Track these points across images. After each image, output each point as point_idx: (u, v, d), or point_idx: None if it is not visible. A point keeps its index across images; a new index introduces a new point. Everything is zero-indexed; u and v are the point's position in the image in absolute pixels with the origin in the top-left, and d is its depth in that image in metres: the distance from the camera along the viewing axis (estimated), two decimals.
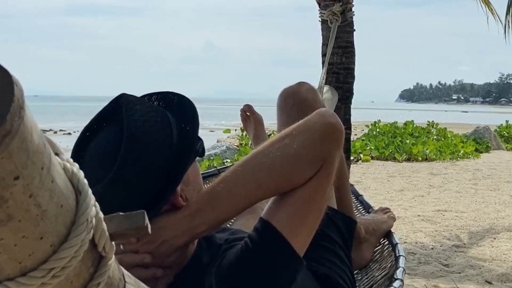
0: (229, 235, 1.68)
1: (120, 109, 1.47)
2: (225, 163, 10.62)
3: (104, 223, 0.84)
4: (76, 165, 0.82)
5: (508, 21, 9.40)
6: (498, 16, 7.81)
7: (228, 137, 17.73)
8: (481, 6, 7.42)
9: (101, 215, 0.84)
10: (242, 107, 3.45)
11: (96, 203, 0.83)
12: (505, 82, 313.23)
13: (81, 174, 0.82)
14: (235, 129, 16.45)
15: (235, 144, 14.27)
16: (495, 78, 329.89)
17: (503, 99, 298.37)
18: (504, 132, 19.31)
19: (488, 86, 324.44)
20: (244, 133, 14.97)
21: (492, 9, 7.56)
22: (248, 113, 3.36)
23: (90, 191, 0.81)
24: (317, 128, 1.52)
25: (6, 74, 0.64)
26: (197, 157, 1.60)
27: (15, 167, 0.64)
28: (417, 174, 11.40)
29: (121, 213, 0.90)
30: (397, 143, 14.47)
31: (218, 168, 3.61)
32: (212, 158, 11.94)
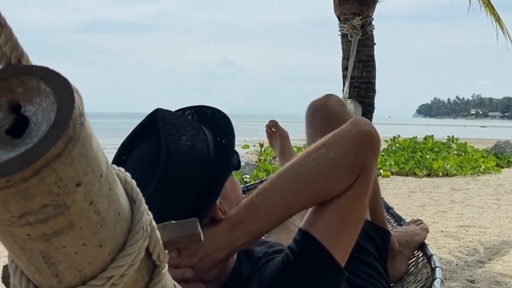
0: (267, 248, 1.68)
1: (157, 124, 1.48)
2: (244, 179, 10.61)
3: (158, 232, 0.84)
4: (128, 174, 0.83)
5: None
6: (507, 32, 7.78)
7: (246, 152, 17.73)
8: (492, 21, 7.39)
9: (155, 223, 0.84)
10: (267, 123, 3.45)
11: (149, 211, 0.83)
12: None
13: (134, 182, 0.82)
14: (254, 145, 16.45)
15: (254, 160, 14.25)
16: None
17: None
18: None
19: (507, 101, 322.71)
20: (263, 149, 14.96)
21: (502, 26, 7.53)
22: (273, 129, 3.36)
23: (143, 199, 0.82)
24: (352, 136, 1.51)
25: (66, 82, 0.65)
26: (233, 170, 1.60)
27: (77, 174, 0.64)
28: (438, 189, 11.30)
29: (173, 221, 0.90)
30: (417, 158, 14.38)
31: (247, 185, 3.60)
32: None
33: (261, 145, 15.21)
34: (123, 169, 0.82)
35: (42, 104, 0.65)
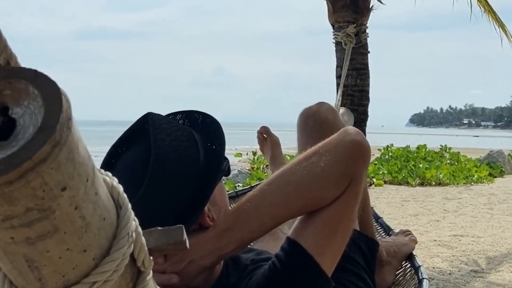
0: (255, 256, 1.67)
1: (147, 128, 1.47)
2: (237, 187, 10.58)
3: (143, 238, 0.84)
4: (115, 179, 0.83)
5: None
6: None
7: (239, 161, 17.68)
8: (495, 28, 7.38)
9: (140, 229, 0.84)
10: (258, 129, 3.44)
11: (135, 217, 0.83)
12: None
13: (121, 188, 0.82)
14: (246, 153, 16.44)
15: (247, 168, 14.20)
16: (507, 102, 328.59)
17: None
18: None
19: (499, 110, 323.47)
20: (256, 157, 14.92)
21: (506, 31, 7.53)
22: (265, 135, 3.36)
23: (129, 205, 0.82)
24: (343, 145, 1.50)
25: (54, 85, 0.65)
26: (223, 177, 1.60)
27: (63, 178, 0.64)
28: (431, 198, 11.31)
29: (159, 228, 0.90)
30: (410, 167, 14.39)
31: (236, 190, 3.59)
32: (223, 182, 11.89)
33: (254, 153, 15.19)
34: (110, 174, 0.82)
35: (30, 106, 0.64)
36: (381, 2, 5.46)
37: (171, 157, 1.44)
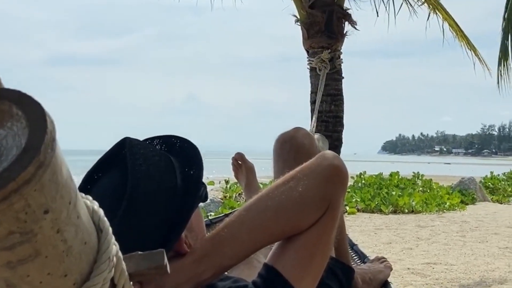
0: (231, 284, 1.65)
1: (124, 153, 1.46)
2: (209, 216, 10.51)
3: (123, 263, 0.83)
4: (96, 203, 0.82)
5: (500, 71, 9.54)
6: (485, 62, 7.86)
7: (212, 189, 17.59)
8: (467, 52, 7.48)
9: (121, 254, 0.83)
10: (233, 155, 3.43)
11: (116, 242, 0.82)
12: (487, 133, 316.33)
13: (101, 212, 0.81)
14: (219, 182, 16.37)
15: (219, 197, 14.13)
16: (477, 129, 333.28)
17: (485, 150, 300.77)
18: (489, 183, 19.42)
19: (470, 137, 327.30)
20: (228, 186, 14.84)
21: (478, 55, 7.64)
22: (239, 162, 3.34)
23: (110, 229, 0.81)
24: (321, 170, 1.50)
25: (38, 106, 0.64)
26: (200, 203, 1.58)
27: (46, 201, 0.63)
28: (404, 226, 11.38)
29: (139, 252, 0.89)
30: (383, 195, 14.47)
31: (211, 218, 3.57)
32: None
33: (227, 182, 15.11)
34: (90, 198, 0.82)
35: (13, 128, 0.64)
36: (355, 28, 5.53)
37: (148, 183, 1.43)
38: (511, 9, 9.22)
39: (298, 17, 5.61)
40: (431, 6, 6.39)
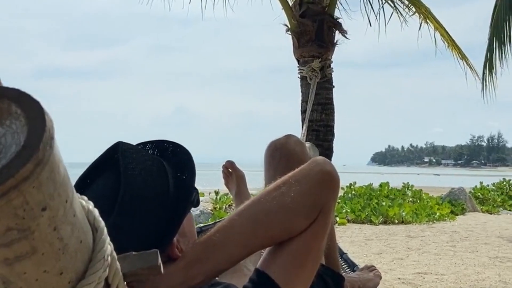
0: None
1: (117, 157, 1.47)
2: None
3: (118, 263, 0.84)
4: (91, 203, 0.83)
5: (485, 81, 9.61)
6: (476, 71, 7.91)
7: (201, 201, 17.52)
8: (459, 62, 7.51)
9: (115, 254, 0.83)
10: (223, 163, 3.42)
11: (110, 242, 0.83)
12: (476, 144, 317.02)
13: (96, 212, 0.82)
14: (209, 193, 16.33)
15: (209, 208, 14.09)
16: (467, 140, 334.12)
17: (474, 161, 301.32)
18: (479, 194, 19.48)
19: (459, 148, 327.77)
20: (218, 197, 14.81)
21: (470, 65, 7.68)
22: (230, 170, 3.33)
23: (105, 229, 0.82)
24: (313, 175, 1.50)
25: (37, 105, 0.65)
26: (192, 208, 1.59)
27: (43, 198, 0.64)
28: (395, 237, 11.38)
29: (134, 253, 0.90)
30: (373, 206, 14.48)
31: (201, 226, 3.56)
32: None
33: (217, 193, 15.07)
34: (86, 198, 0.82)
35: (12, 126, 0.64)
36: (345, 37, 5.56)
37: (141, 187, 1.44)
38: (497, 18, 9.29)
39: (289, 26, 5.64)
40: (422, 16, 6.44)
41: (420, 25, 6.59)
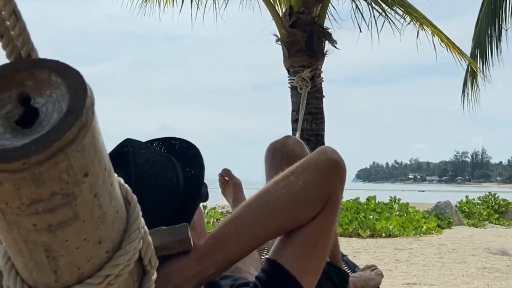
0: (233, 281, 1.66)
1: (127, 153, 1.48)
2: None
3: (149, 236, 0.85)
4: (121, 179, 0.84)
5: (467, 93, 9.74)
6: (476, 69, 8.04)
7: None
8: (460, 63, 7.63)
9: (146, 228, 0.85)
10: (220, 172, 3.44)
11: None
12: (460, 160, 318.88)
13: (128, 187, 0.84)
14: None
15: None
16: (451, 156, 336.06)
17: (459, 177, 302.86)
18: (465, 207, 19.59)
19: (444, 165, 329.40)
20: (206, 211, 14.83)
21: (471, 62, 7.80)
22: (226, 178, 3.35)
23: (137, 203, 0.83)
24: (320, 164, 1.51)
25: (77, 74, 0.67)
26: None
27: (86, 163, 0.66)
28: (383, 249, 11.42)
29: (164, 227, 0.91)
30: (360, 219, 14.53)
31: None
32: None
33: (205, 207, 15.10)
34: (115, 174, 0.84)
35: (52, 95, 0.66)
36: (335, 47, 5.62)
37: (152, 182, 1.45)
38: (479, 32, 9.42)
39: (279, 36, 5.69)
40: (418, 23, 6.52)
41: (417, 34, 6.67)
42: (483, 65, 9.77)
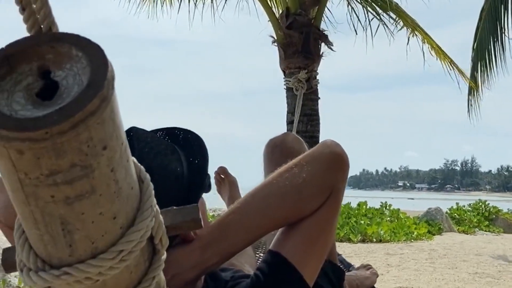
0: (234, 273, 1.67)
1: (132, 141, 1.48)
2: None
3: (161, 216, 0.86)
4: (134, 158, 0.85)
5: (471, 102, 9.77)
6: (467, 77, 8.06)
7: None
8: (449, 72, 7.65)
9: (158, 207, 0.85)
10: (216, 170, 3.44)
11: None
12: (449, 168, 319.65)
13: (141, 166, 0.84)
14: None
15: None
16: (440, 164, 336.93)
17: (448, 185, 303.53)
18: (455, 214, 19.66)
19: (433, 172, 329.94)
20: None
21: (462, 71, 7.82)
22: (222, 176, 3.35)
23: (151, 181, 0.84)
24: (323, 157, 1.53)
25: (98, 47, 0.68)
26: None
27: (105, 136, 0.66)
28: (374, 254, 11.45)
29: (175, 207, 0.92)
30: (351, 224, 14.56)
31: None
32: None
33: None
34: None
35: (72, 69, 0.67)
36: (331, 49, 5.64)
37: (156, 171, 1.45)
38: (480, 39, 9.44)
39: (275, 37, 5.71)
40: (409, 29, 6.55)
41: (408, 40, 6.70)
42: (485, 71, 9.78)
